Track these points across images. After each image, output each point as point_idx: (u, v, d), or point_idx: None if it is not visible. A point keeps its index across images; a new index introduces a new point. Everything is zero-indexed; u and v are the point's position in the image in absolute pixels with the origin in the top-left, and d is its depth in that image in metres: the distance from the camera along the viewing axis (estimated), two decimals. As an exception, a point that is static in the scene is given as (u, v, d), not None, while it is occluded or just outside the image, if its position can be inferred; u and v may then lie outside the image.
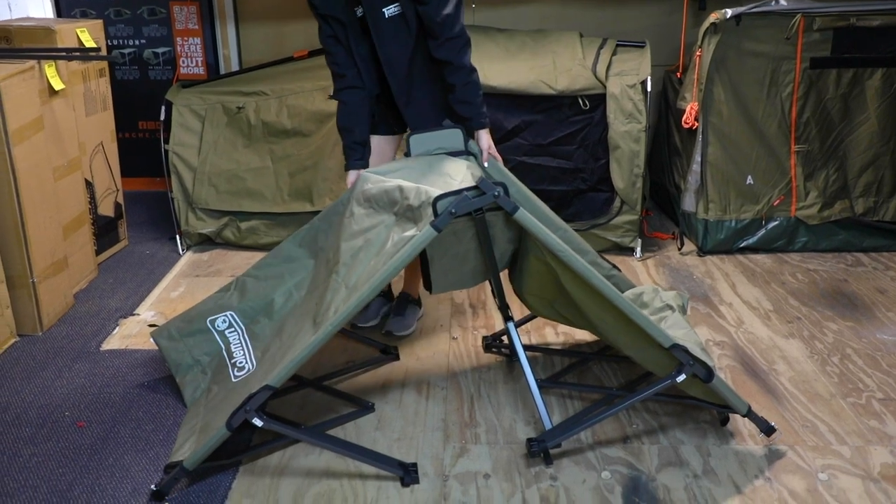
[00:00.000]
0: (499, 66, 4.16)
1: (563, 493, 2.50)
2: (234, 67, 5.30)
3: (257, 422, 2.48)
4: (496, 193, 2.49)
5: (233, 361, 2.89)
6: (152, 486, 2.49)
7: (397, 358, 3.32)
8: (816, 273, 4.14)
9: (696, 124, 4.26)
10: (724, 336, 3.49)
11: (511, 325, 2.89)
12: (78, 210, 4.00)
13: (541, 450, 2.63)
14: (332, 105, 4.23)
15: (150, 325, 3.59)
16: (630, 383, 3.09)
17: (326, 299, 2.63)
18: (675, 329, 2.76)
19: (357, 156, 3.15)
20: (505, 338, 3.33)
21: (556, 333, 3.53)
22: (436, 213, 2.48)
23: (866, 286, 3.97)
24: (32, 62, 3.53)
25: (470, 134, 3.07)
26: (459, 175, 2.78)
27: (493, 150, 3.11)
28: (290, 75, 4.51)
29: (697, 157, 4.32)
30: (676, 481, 2.55)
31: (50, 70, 3.72)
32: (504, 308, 2.92)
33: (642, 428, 2.82)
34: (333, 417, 2.91)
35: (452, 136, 3.02)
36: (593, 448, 2.71)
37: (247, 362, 2.86)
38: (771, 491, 2.50)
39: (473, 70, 3.08)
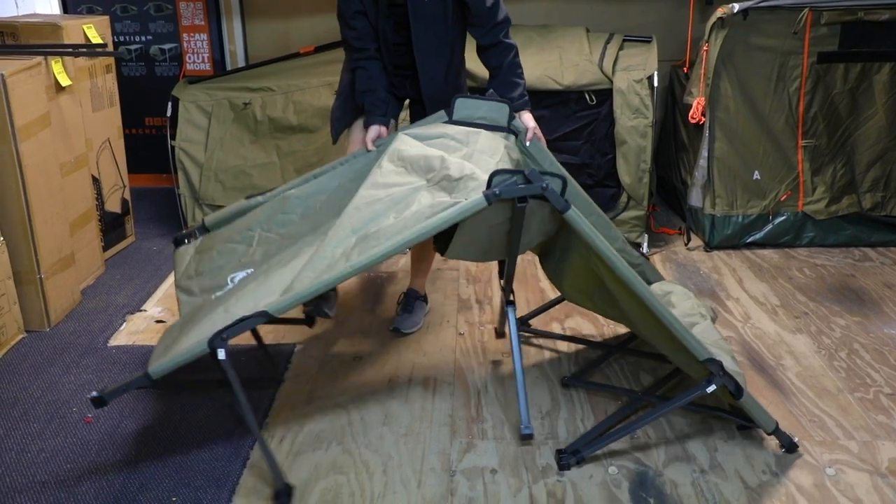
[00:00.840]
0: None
1: (570, 488, 2.50)
2: (241, 63, 5.30)
3: (221, 354, 2.35)
4: (544, 186, 2.44)
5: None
6: (94, 393, 2.39)
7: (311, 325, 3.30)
8: (824, 268, 4.13)
9: (703, 119, 4.25)
10: (731, 331, 3.48)
11: (511, 310, 2.91)
12: (85, 206, 4.01)
13: (574, 462, 2.59)
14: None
15: (158, 321, 3.60)
16: (653, 386, 3.06)
17: (329, 236, 2.59)
18: (707, 335, 2.75)
19: (380, 111, 3.08)
20: (531, 322, 3.44)
21: (562, 328, 3.52)
22: (489, 186, 2.45)
23: (874, 281, 3.96)
24: (39, 58, 3.53)
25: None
26: (498, 154, 2.75)
27: (538, 131, 3.09)
28: (296, 71, 4.51)
29: (704, 153, 4.31)
30: (683, 476, 2.54)
31: (56, 66, 3.72)
32: (508, 292, 2.92)
33: (649, 423, 2.81)
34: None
35: (498, 110, 3.00)
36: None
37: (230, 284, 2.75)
38: (778, 486, 2.49)
39: (517, 50, 3.09)
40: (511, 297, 2.95)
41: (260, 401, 2.97)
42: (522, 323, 3.41)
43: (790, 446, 2.66)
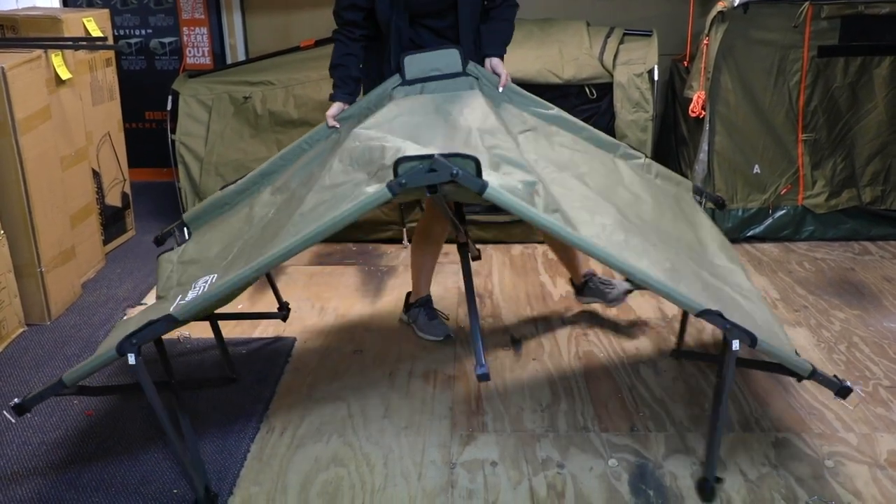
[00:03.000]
0: (505, 56, 4.14)
1: (570, 480, 2.51)
2: (241, 57, 5.30)
3: (131, 359, 2.22)
4: (454, 172, 2.20)
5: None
6: (16, 400, 2.34)
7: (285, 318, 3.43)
8: (823, 262, 4.14)
9: (703, 113, 4.25)
10: (730, 325, 3.48)
11: (464, 252, 2.74)
12: (85, 200, 4.01)
13: (714, 484, 2.44)
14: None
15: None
16: None
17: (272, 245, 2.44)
18: (758, 314, 2.57)
19: (348, 89, 3.02)
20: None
21: (561, 321, 3.52)
22: (396, 174, 2.23)
23: (873, 275, 3.96)
24: (39, 51, 3.54)
25: (480, 60, 3.05)
26: (465, 130, 2.58)
27: (509, 78, 3.07)
28: (296, 65, 4.51)
29: (704, 146, 4.31)
30: (683, 469, 2.55)
31: (57, 59, 3.72)
32: (463, 234, 2.81)
33: (649, 415, 2.82)
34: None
35: (449, 57, 2.92)
36: (600, 436, 2.72)
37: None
38: (777, 478, 2.50)
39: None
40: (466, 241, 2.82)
41: (260, 393, 2.98)
42: (679, 354, 3.22)
43: (840, 390, 2.39)
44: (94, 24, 4.09)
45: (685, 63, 4.60)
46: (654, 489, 2.46)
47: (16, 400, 2.34)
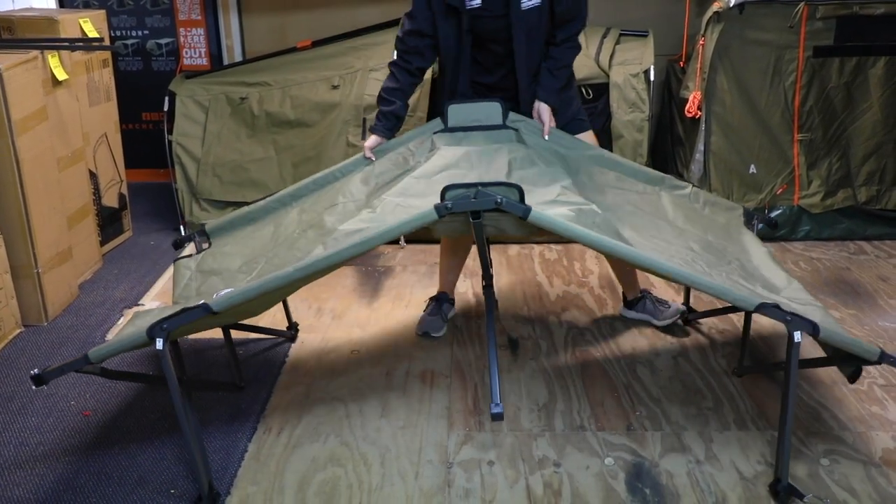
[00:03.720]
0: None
1: (567, 479, 2.51)
2: (238, 58, 5.30)
3: (159, 344, 2.24)
4: (498, 201, 2.36)
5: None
6: (34, 371, 2.32)
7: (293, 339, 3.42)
8: (819, 261, 4.14)
9: (699, 113, 4.26)
10: (726, 324, 3.49)
11: (489, 293, 2.86)
12: (82, 201, 4.01)
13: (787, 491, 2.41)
14: (336, 95, 4.27)
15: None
16: None
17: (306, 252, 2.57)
18: (816, 313, 2.57)
19: (389, 125, 3.09)
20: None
21: (558, 321, 3.53)
22: (442, 199, 2.41)
23: (869, 274, 3.97)
24: (36, 52, 3.54)
25: (528, 108, 3.09)
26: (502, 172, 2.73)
27: (553, 123, 3.09)
28: (293, 66, 4.51)
29: (700, 147, 4.32)
30: (679, 467, 2.56)
31: (53, 60, 3.72)
32: (488, 278, 2.90)
33: (645, 415, 2.83)
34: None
35: (490, 109, 3.01)
36: (596, 435, 2.72)
37: None
38: (773, 476, 2.50)
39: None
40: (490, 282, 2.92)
41: (258, 393, 2.99)
42: (742, 370, 3.11)
43: None
44: (90, 24, 4.09)
45: (681, 63, 4.61)
46: (650, 488, 2.47)
47: (35, 371, 2.31)
